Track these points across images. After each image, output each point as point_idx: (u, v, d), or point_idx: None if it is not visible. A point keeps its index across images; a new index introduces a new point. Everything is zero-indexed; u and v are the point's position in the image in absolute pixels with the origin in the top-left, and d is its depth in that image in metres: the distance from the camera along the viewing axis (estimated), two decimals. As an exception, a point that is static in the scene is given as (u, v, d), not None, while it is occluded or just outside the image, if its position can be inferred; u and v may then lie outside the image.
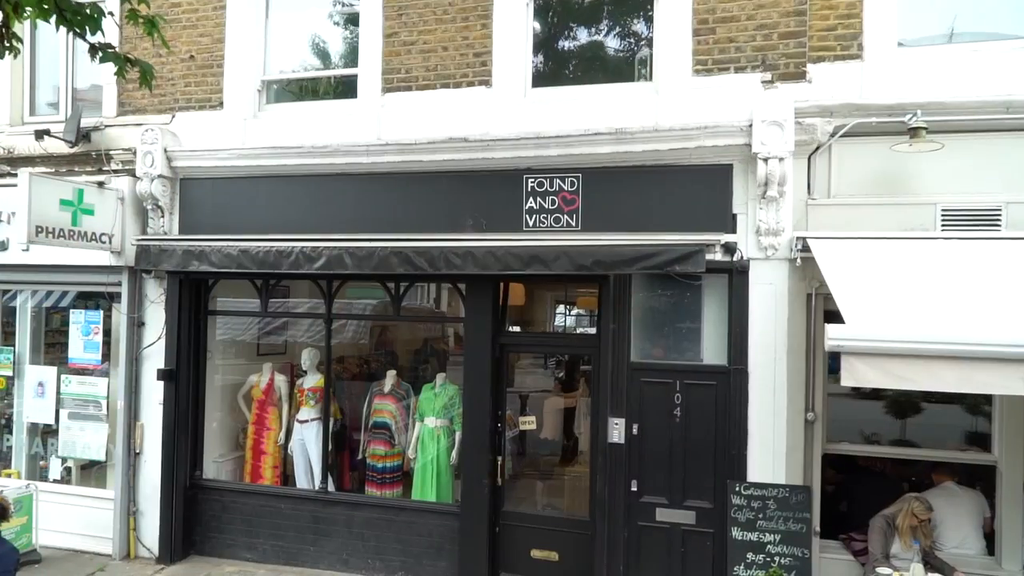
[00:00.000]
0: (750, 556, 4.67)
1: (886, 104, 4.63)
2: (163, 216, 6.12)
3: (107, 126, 6.36)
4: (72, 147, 6.26)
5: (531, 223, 5.28)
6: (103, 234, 5.91)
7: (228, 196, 6.01)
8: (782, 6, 4.91)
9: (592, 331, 5.99)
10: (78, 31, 3.24)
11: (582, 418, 6.92)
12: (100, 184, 6.02)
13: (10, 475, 6.57)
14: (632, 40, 5.56)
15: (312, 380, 6.45)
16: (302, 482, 6.39)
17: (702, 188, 4.98)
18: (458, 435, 5.86)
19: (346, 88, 6.11)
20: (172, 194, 6.14)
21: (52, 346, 7.00)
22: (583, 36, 5.66)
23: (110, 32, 4.60)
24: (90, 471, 6.77)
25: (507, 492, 5.80)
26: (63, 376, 6.53)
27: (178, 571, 5.97)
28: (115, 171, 6.21)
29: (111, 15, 3.60)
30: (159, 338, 6.17)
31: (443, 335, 9.11)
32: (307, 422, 6.39)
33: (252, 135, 5.98)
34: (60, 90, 6.80)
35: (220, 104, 6.13)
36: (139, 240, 5.98)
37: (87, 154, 6.30)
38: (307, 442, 6.38)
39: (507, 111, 5.38)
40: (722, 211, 4.94)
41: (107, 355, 6.44)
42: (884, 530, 4.55)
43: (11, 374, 6.83)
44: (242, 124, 6.03)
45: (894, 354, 3.34)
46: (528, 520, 5.63)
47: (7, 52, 3.61)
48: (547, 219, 5.25)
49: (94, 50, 3.36)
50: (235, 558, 6.11)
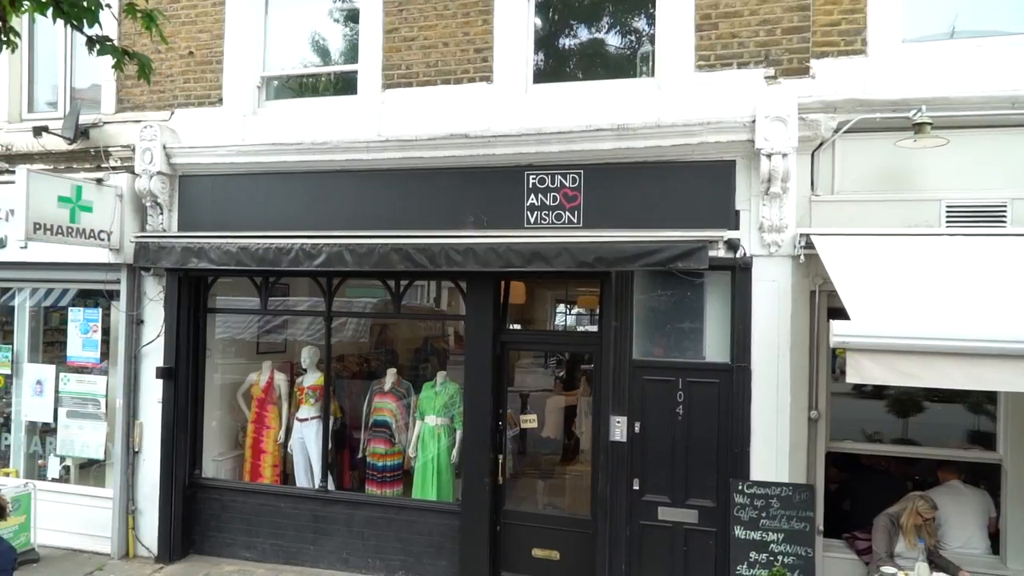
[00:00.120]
0: (753, 555, 4.63)
1: (890, 100, 4.59)
2: (162, 213, 6.09)
3: (106, 123, 6.32)
4: (70, 144, 6.23)
5: (532, 220, 5.24)
6: (102, 231, 5.87)
7: (227, 193, 5.97)
8: (785, 1, 4.87)
9: (594, 329, 5.95)
10: (75, 24, 3.21)
11: (583, 417, 6.88)
12: (99, 181, 5.99)
13: (8, 474, 6.53)
14: (634, 35, 5.52)
15: (312, 378, 6.42)
16: (302, 481, 6.36)
17: (705, 184, 4.94)
18: (459, 434, 5.84)
19: (346, 84, 6.07)
20: (171, 191, 6.10)
21: (51, 344, 6.97)
22: (584, 31, 5.62)
23: (109, 28, 4.57)
24: (89, 470, 6.74)
25: (508, 491, 5.76)
26: (62, 374, 6.50)
27: (177, 570, 5.94)
28: (114, 168, 6.18)
29: (108, 7, 3.57)
30: (158, 336, 6.14)
31: (443, 334, 9.07)
32: (307, 420, 6.35)
33: (252, 132, 5.94)
34: (58, 87, 6.76)
35: (219, 100, 6.10)
36: (138, 237, 5.95)
37: (86, 151, 6.27)
38: (307, 441, 6.35)
39: (508, 107, 5.34)
40: (725, 208, 4.90)
41: (106, 353, 6.41)
42: (888, 529, 4.51)
43: (9, 372, 6.80)
44: (241, 121, 6.00)
45: (900, 351, 3.30)
46: (529, 519, 5.60)
47: (4, 46, 3.58)
48: (549, 216, 5.22)
49: (91, 43, 3.33)
50: (234, 557, 6.08)
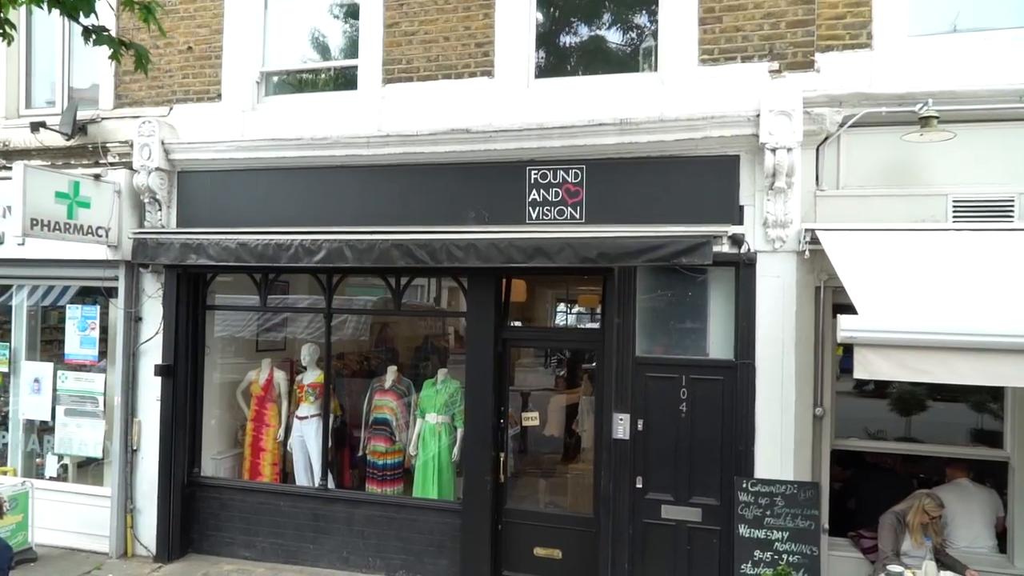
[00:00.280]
0: (757, 554, 4.58)
1: (896, 93, 4.54)
2: (160, 209, 6.03)
3: (104, 119, 6.27)
4: (68, 140, 6.18)
5: (534, 215, 5.19)
6: (99, 227, 5.82)
7: (226, 189, 5.92)
8: (790, -6, 4.83)
9: (596, 326, 5.90)
10: (71, 13, 3.15)
11: (585, 415, 6.84)
12: (96, 177, 5.94)
13: (6, 472, 6.48)
14: (636, 29, 5.47)
15: (312, 376, 6.37)
16: (302, 479, 6.31)
17: (708, 179, 4.89)
18: (459, 432, 5.80)
19: (346, 79, 6.02)
20: (170, 187, 6.05)
21: (50, 343, 6.92)
22: (587, 26, 5.56)
23: (107, 22, 4.51)
24: (87, 468, 6.68)
25: (509, 489, 5.71)
26: (59, 372, 6.45)
27: (176, 569, 5.89)
28: (112, 164, 6.13)
29: (105, -2, 3.52)
30: (157, 333, 6.09)
31: (443, 332, 9.03)
32: (307, 418, 6.30)
33: (251, 127, 5.89)
34: (56, 83, 6.71)
35: (218, 96, 6.05)
36: (136, 233, 5.90)
37: (83, 147, 6.22)
38: (307, 439, 6.30)
39: (510, 102, 5.30)
40: (729, 203, 4.85)
41: (104, 351, 6.35)
42: (894, 527, 4.46)
43: (7, 370, 6.75)
44: (240, 116, 5.95)
45: (909, 346, 3.25)
46: (531, 517, 5.55)
47: (0, 38, 3.53)
48: (550, 211, 5.16)
49: (87, 33, 3.27)
50: (234, 556, 6.03)
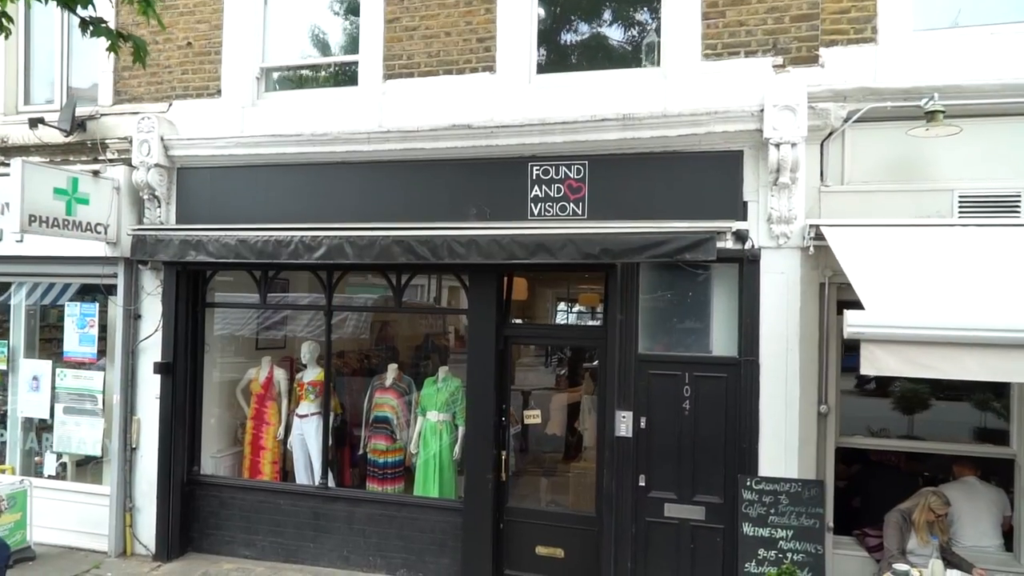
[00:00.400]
0: (762, 552, 4.54)
1: (901, 88, 4.49)
2: (160, 206, 5.99)
3: (103, 115, 6.23)
4: (67, 136, 6.13)
5: (536, 212, 5.15)
6: (98, 224, 5.78)
7: (226, 185, 5.88)
8: (794, -12, 4.79)
9: (598, 323, 5.86)
10: (69, 5, 3.11)
11: (586, 413, 6.80)
12: (95, 173, 5.89)
13: (4, 471, 6.43)
14: (639, 24, 5.42)
15: (312, 374, 6.34)
16: (302, 478, 6.27)
17: (712, 175, 4.85)
18: (461, 430, 5.76)
19: (347, 75, 5.98)
20: (169, 183, 6.01)
21: (49, 341, 6.88)
22: (589, 20, 5.52)
23: (106, 16, 4.46)
24: (86, 467, 6.64)
25: (511, 488, 5.67)
26: (58, 370, 6.41)
27: (175, 568, 5.85)
28: (111, 160, 6.09)
29: (103, -9, 3.48)
30: (156, 331, 6.05)
31: (444, 331, 9.00)
32: (307, 417, 6.27)
33: (251, 123, 5.85)
34: (55, 79, 6.66)
35: (218, 92, 6.01)
36: (135, 230, 5.85)
37: (82, 143, 6.18)
38: (307, 437, 6.26)
39: (511, 97, 5.26)
40: (732, 199, 4.81)
41: (103, 350, 6.31)
42: (900, 525, 4.42)
43: (5, 368, 6.71)
44: (240, 112, 5.91)
45: (916, 341, 3.21)
46: (533, 516, 5.50)
47: (-2, 32, 3.50)
48: (552, 207, 5.13)
49: (84, 24, 3.23)
50: (233, 555, 5.99)
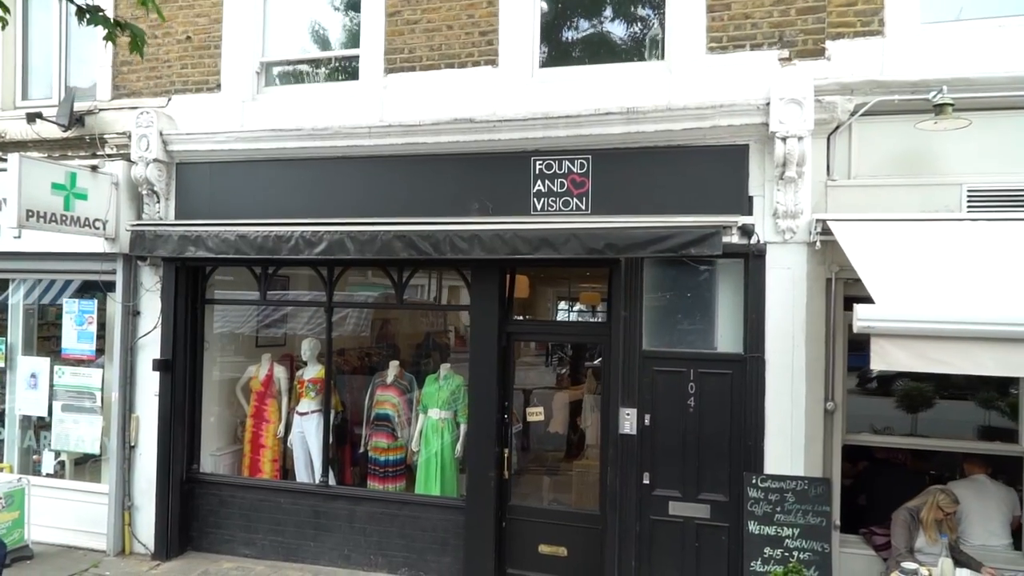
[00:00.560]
0: (767, 551, 4.49)
1: (909, 81, 4.44)
2: (159, 201, 5.94)
3: (101, 110, 6.17)
4: (65, 131, 6.07)
5: (539, 206, 5.10)
6: (96, 219, 5.73)
7: (226, 180, 5.83)
8: (799, -20, 4.74)
9: (602, 320, 5.81)
10: (66, -7, 3.06)
11: (589, 412, 6.75)
12: (94, 168, 5.84)
13: (2, 469, 6.37)
14: (643, 17, 5.36)
15: (312, 371, 6.28)
16: (302, 476, 6.22)
17: (717, 169, 4.79)
18: (462, 428, 5.71)
19: (348, 69, 5.92)
20: (168, 179, 5.95)
21: (47, 338, 6.82)
22: (592, 14, 5.46)
23: (103, 3, 4.41)
24: (84, 465, 6.58)
25: (513, 486, 5.62)
26: (56, 367, 6.35)
27: (174, 567, 5.79)
28: (109, 155, 6.03)
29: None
30: (155, 327, 5.99)
31: (445, 329, 8.95)
32: (307, 414, 6.21)
33: (251, 118, 5.79)
34: (53, 74, 6.60)
35: (218, 86, 5.96)
36: (134, 225, 5.79)
37: (81, 138, 6.12)
38: (307, 435, 6.21)
39: (514, 91, 5.20)
40: (738, 193, 4.76)
41: (102, 347, 6.25)
42: (908, 523, 4.36)
43: (3, 365, 6.65)
44: (240, 107, 5.85)
45: (928, 335, 3.16)
46: (536, 514, 5.45)
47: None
48: (556, 202, 5.07)
49: (81, 13, 3.18)
50: (233, 554, 5.94)
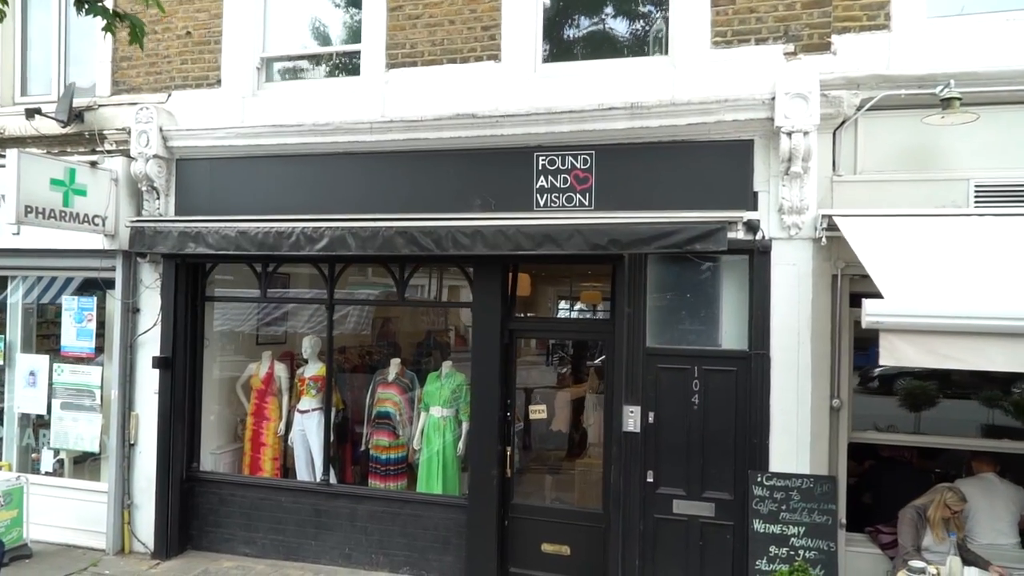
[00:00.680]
0: (773, 549, 4.45)
1: (915, 75, 4.40)
2: (159, 198, 5.90)
3: (101, 105, 6.13)
4: (64, 127, 6.04)
5: (542, 202, 5.06)
6: (96, 216, 5.68)
7: (226, 177, 5.79)
8: (805, -25, 4.70)
9: (605, 317, 5.77)
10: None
11: (591, 410, 6.70)
12: (93, 164, 5.80)
13: (1, 467, 6.34)
14: (647, 12, 5.32)
15: (313, 369, 6.24)
16: (303, 474, 6.18)
17: (721, 165, 4.75)
18: (464, 426, 5.67)
19: (349, 65, 5.88)
20: (168, 175, 5.91)
21: (46, 336, 6.78)
22: (596, 8, 5.41)
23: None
24: (83, 463, 6.54)
25: (516, 485, 5.57)
26: (55, 365, 6.32)
27: (174, 566, 5.75)
28: (109, 151, 6.00)
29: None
30: (155, 325, 5.95)
31: (445, 328, 8.90)
32: (308, 412, 6.17)
33: (251, 114, 5.76)
34: (52, 69, 6.57)
35: (218, 82, 5.92)
36: (133, 222, 5.75)
37: (80, 134, 6.09)
38: (308, 433, 6.17)
39: (517, 86, 5.16)
40: (742, 189, 4.72)
41: (101, 345, 6.21)
42: (915, 522, 4.32)
43: (2, 363, 6.62)
44: (241, 102, 5.82)
45: (938, 331, 3.12)
46: (538, 513, 5.41)
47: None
48: (559, 198, 5.03)
49: (80, 3, 3.15)
50: (233, 553, 5.90)
